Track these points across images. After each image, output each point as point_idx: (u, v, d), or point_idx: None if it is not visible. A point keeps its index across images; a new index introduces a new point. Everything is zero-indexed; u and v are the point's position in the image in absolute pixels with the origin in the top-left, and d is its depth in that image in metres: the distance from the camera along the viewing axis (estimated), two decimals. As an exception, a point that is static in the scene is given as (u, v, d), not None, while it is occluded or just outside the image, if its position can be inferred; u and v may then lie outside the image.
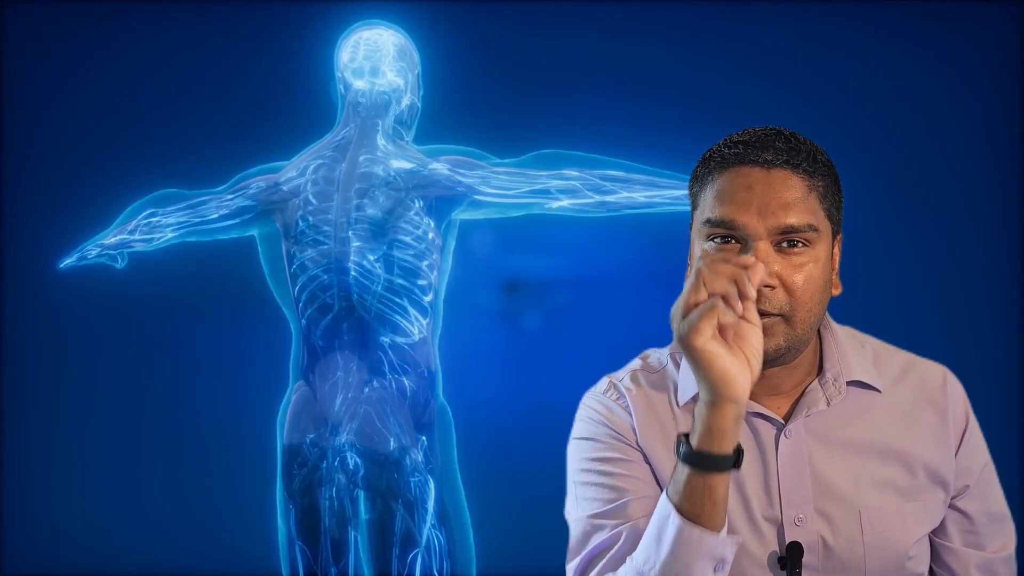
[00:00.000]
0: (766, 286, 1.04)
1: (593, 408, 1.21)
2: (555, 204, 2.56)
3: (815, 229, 1.06)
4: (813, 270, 1.06)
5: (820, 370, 1.15)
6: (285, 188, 2.64)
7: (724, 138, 1.12)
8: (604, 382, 1.24)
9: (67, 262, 2.72)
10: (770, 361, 1.07)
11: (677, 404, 1.18)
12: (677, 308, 0.98)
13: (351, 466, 2.58)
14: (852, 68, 2.53)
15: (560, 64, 2.66)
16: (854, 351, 1.17)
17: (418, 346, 2.59)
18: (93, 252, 2.70)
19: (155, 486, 2.71)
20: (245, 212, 2.68)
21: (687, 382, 1.17)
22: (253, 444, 2.69)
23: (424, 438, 2.61)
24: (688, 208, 1.18)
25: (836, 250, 1.14)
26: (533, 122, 2.63)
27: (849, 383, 1.15)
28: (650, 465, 1.16)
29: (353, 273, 2.57)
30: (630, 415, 1.18)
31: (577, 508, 1.17)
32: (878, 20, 2.52)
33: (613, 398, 1.20)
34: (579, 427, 1.22)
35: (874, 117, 2.52)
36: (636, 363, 1.25)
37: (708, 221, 1.08)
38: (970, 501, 1.18)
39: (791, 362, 1.12)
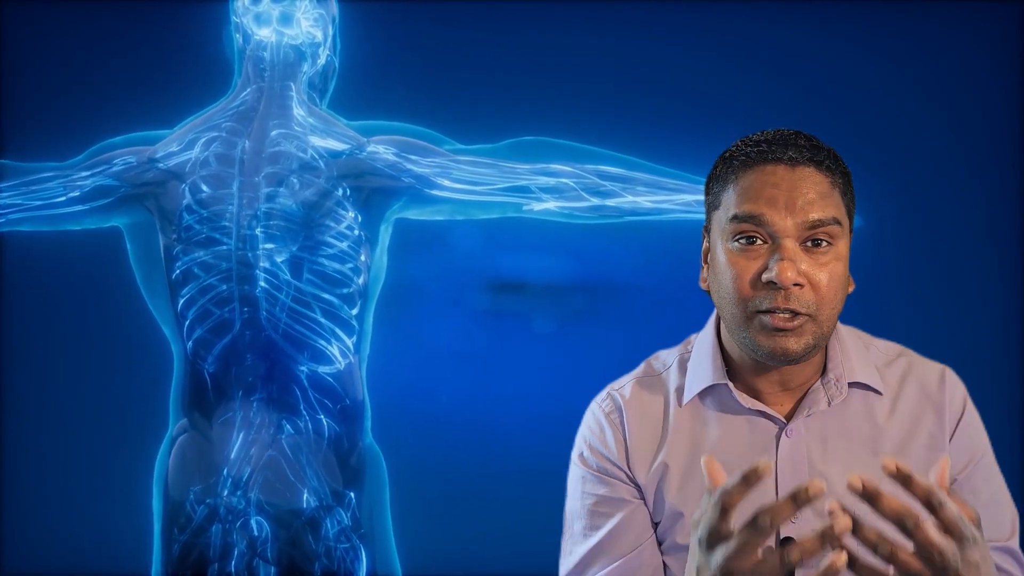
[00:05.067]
0: (795, 284, 1.12)
1: (588, 426, 1.29)
2: (537, 206, 2.23)
3: (839, 223, 1.14)
4: (836, 267, 1.14)
5: (824, 371, 1.23)
6: (163, 167, 2.30)
7: (740, 139, 1.21)
8: (604, 393, 1.31)
9: None
10: (795, 359, 1.15)
11: (679, 405, 1.25)
12: (703, 534, 1.00)
13: (254, 531, 2.20)
14: (851, 68, 2.47)
15: (547, 29, 2.39)
16: (857, 352, 1.25)
17: (342, 374, 2.25)
18: None
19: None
20: (104, 195, 2.32)
21: (694, 380, 1.25)
22: (121, 501, 2.37)
23: (352, 494, 2.25)
24: (701, 215, 1.27)
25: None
26: (511, 100, 2.36)
27: (851, 384, 1.23)
28: (639, 488, 1.25)
29: (261, 283, 2.20)
30: (623, 433, 1.26)
31: (567, 539, 1.27)
32: (878, 19, 2.49)
33: (607, 410, 1.28)
34: (576, 444, 1.31)
35: (873, 117, 2.48)
36: (640, 368, 1.33)
37: (735, 217, 1.15)
38: (961, 492, 1.23)
39: (810, 359, 1.20)
